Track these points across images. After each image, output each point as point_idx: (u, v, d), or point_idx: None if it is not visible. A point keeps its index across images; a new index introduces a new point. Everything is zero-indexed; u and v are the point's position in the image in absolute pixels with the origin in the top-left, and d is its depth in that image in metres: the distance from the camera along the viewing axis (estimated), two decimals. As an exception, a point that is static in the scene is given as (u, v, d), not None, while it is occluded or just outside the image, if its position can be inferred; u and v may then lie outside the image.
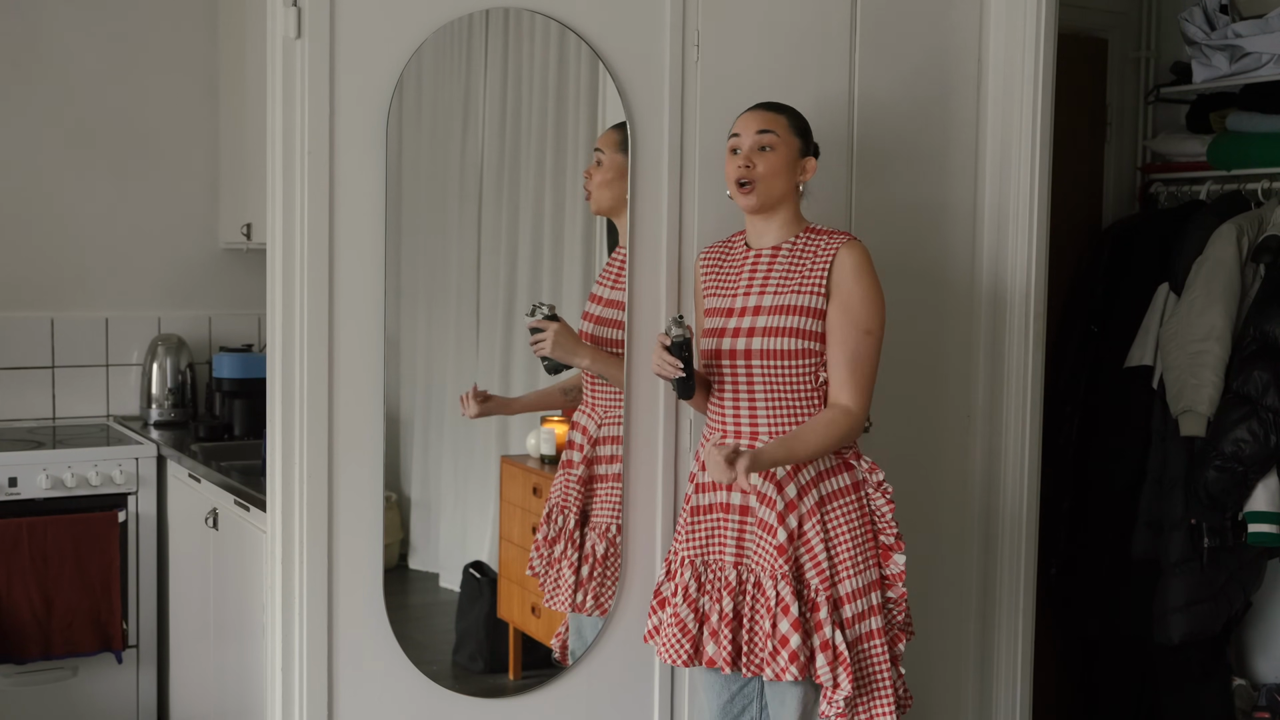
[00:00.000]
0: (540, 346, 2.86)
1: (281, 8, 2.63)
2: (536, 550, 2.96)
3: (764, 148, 2.67)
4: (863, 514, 2.68)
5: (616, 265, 2.99)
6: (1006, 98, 3.38)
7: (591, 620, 2.99)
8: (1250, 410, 3.51)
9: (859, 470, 2.70)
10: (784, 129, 2.70)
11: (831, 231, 2.72)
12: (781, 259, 2.71)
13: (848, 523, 2.66)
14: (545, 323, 2.86)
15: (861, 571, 2.65)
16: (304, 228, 2.65)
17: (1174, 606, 3.69)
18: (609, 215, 2.99)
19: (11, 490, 3.79)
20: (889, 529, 2.68)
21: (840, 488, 2.68)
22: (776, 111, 2.73)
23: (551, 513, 2.96)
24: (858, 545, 2.65)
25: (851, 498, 2.68)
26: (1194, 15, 4.02)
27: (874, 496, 2.70)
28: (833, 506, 2.66)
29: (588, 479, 2.96)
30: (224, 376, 4.31)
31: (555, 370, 2.91)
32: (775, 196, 2.69)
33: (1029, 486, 3.45)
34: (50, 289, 4.35)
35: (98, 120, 4.37)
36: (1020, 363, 3.41)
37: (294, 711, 2.73)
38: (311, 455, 2.69)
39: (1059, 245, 3.63)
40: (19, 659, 3.80)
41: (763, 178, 2.67)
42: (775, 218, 2.72)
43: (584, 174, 2.95)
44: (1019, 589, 3.45)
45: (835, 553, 2.64)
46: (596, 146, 2.96)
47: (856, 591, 2.64)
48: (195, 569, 3.82)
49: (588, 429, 2.97)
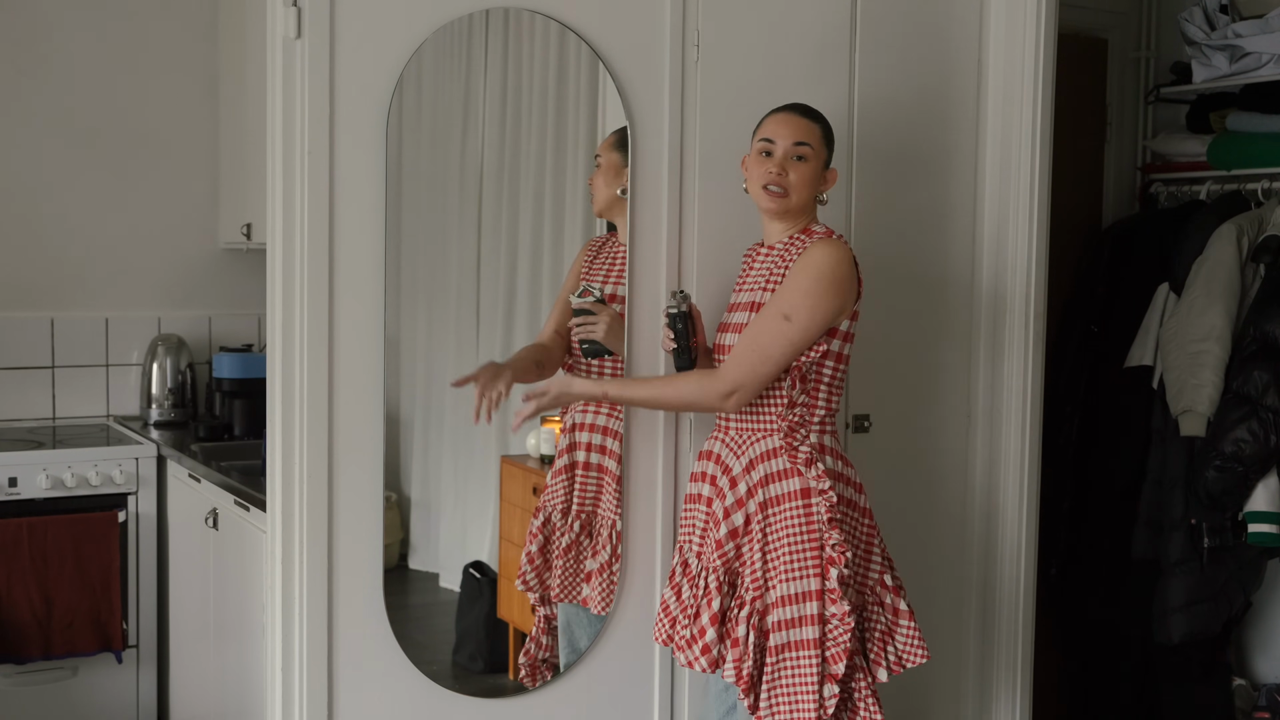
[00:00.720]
0: (592, 330, 2.86)
1: (281, 8, 2.63)
2: (532, 564, 2.95)
3: (799, 158, 2.66)
4: (809, 521, 2.59)
5: (619, 262, 2.97)
6: (1006, 98, 3.38)
7: (584, 621, 2.98)
8: (1250, 410, 3.51)
9: (809, 476, 2.62)
10: (818, 140, 2.69)
11: (821, 232, 2.71)
12: (771, 257, 2.72)
13: (788, 528, 2.59)
14: (597, 306, 2.86)
15: (796, 579, 2.56)
16: (304, 228, 2.65)
17: (1174, 606, 3.69)
18: (607, 215, 2.99)
19: (11, 490, 3.79)
20: (828, 540, 2.57)
21: (787, 492, 2.61)
22: (813, 120, 2.71)
23: (570, 517, 2.95)
24: (795, 551, 2.57)
25: (796, 504, 2.60)
26: (1194, 15, 4.02)
27: (820, 504, 2.60)
28: (776, 510, 2.61)
29: (599, 475, 2.96)
30: (224, 376, 4.31)
31: (594, 355, 2.89)
32: (800, 205, 2.69)
33: (1029, 486, 3.45)
34: (50, 289, 4.35)
35: (98, 120, 4.37)
36: (1020, 363, 3.41)
37: (294, 711, 2.73)
38: (311, 455, 2.69)
39: (1059, 245, 3.63)
40: (19, 659, 3.80)
41: (794, 188, 2.66)
42: (788, 221, 2.73)
43: (588, 181, 2.95)
44: (1019, 589, 3.45)
45: (771, 556, 2.60)
46: (596, 152, 2.96)
47: (787, 598, 2.56)
48: (195, 569, 3.82)
49: (618, 431, 2.96)
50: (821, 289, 2.58)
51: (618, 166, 2.94)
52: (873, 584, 2.70)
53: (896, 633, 2.69)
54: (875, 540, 2.71)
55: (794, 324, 2.57)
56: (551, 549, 2.93)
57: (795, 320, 2.57)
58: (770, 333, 2.58)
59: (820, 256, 2.61)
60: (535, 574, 2.93)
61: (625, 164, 2.93)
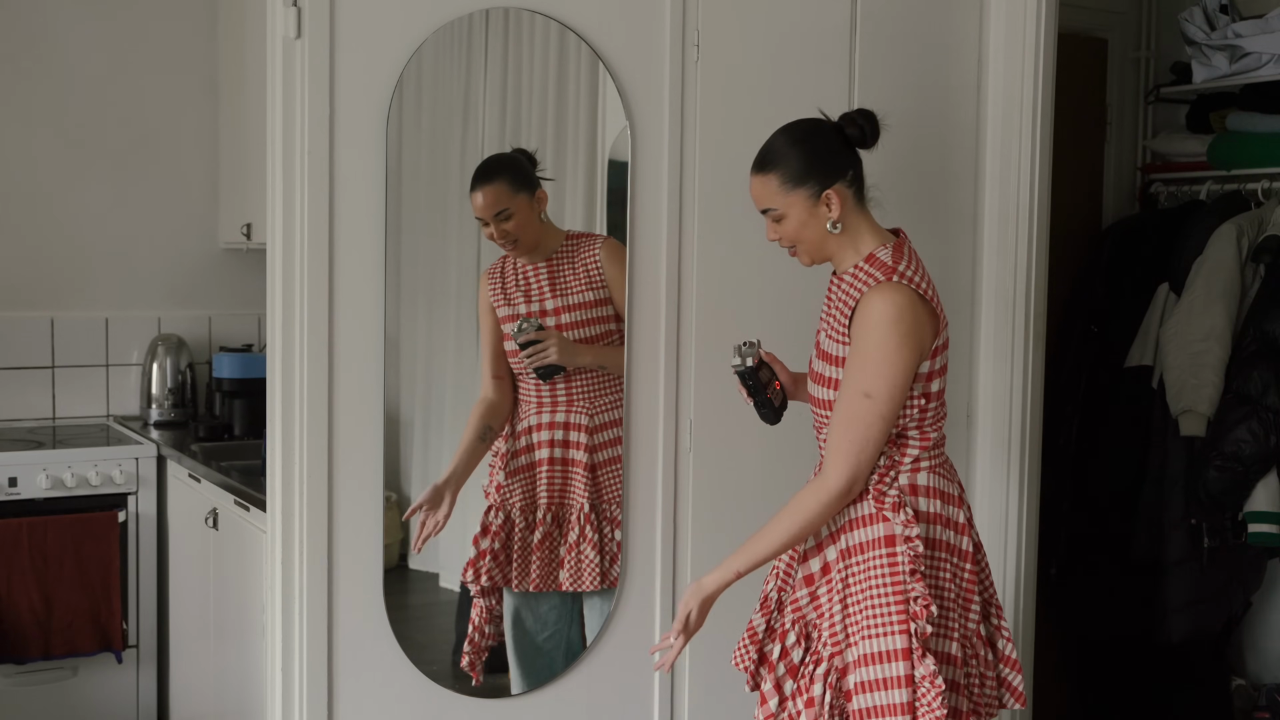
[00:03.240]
0: (545, 355, 2.90)
1: (281, 8, 2.63)
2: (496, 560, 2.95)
3: (775, 220, 2.45)
4: (894, 571, 2.34)
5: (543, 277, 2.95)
6: (1006, 97, 3.38)
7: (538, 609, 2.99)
8: (1250, 410, 3.51)
9: (895, 523, 2.37)
10: (776, 193, 2.41)
11: (873, 271, 2.39)
12: (837, 293, 2.47)
13: (871, 580, 2.36)
14: (540, 334, 2.90)
15: (880, 636, 2.33)
16: (304, 228, 2.65)
17: (1174, 606, 3.69)
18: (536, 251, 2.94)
19: (11, 490, 3.79)
20: (911, 595, 2.33)
21: (870, 539, 2.38)
22: (765, 172, 2.43)
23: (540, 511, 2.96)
24: (880, 606, 2.34)
25: (880, 552, 2.36)
26: (1194, 15, 4.02)
27: (905, 552, 2.35)
28: (859, 559, 2.38)
29: (592, 467, 2.97)
30: (224, 376, 4.31)
31: (548, 377, 2.92)
32: (816, 248, 2.46)
33: (1029, 486, 3.45)
34: (50, 289, 4.35)
35: (98, 120, 4.37)
36: (1020, 363, 3.41)
37: (294, 711, 2.73)
38: (311, 455, 2.69)
39: (1059, 245, 3.63)
40: (19, 659, 3.80)
41: (790, 243, 2.46)
42: (837, 255, 2.48)
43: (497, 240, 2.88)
44: (1019, 589, 3.45)
45: (852, 609, 2.37)
46: (497, 210, 2.85)
47: (870, 657, 2.33)
48: (195, 569, 3.82)
49: (582, 424, 2.97)
50: (889, 350, 2.33)
51: (527, 202, 2.89)
52: (970, 634, 2.45)
53: (985, 684, 2.49)
54: (975, 586, 2.46)
55: (876, 399, 2.33)
56: (513, 544, 2.95)
57: (876, 396, 2.33)
58: (858, 415, 2.34)
59: (879, 314, 2.33)
60: (499, 569, 2.95)
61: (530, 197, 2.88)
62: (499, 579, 2.96)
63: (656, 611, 3.04)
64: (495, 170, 2.85)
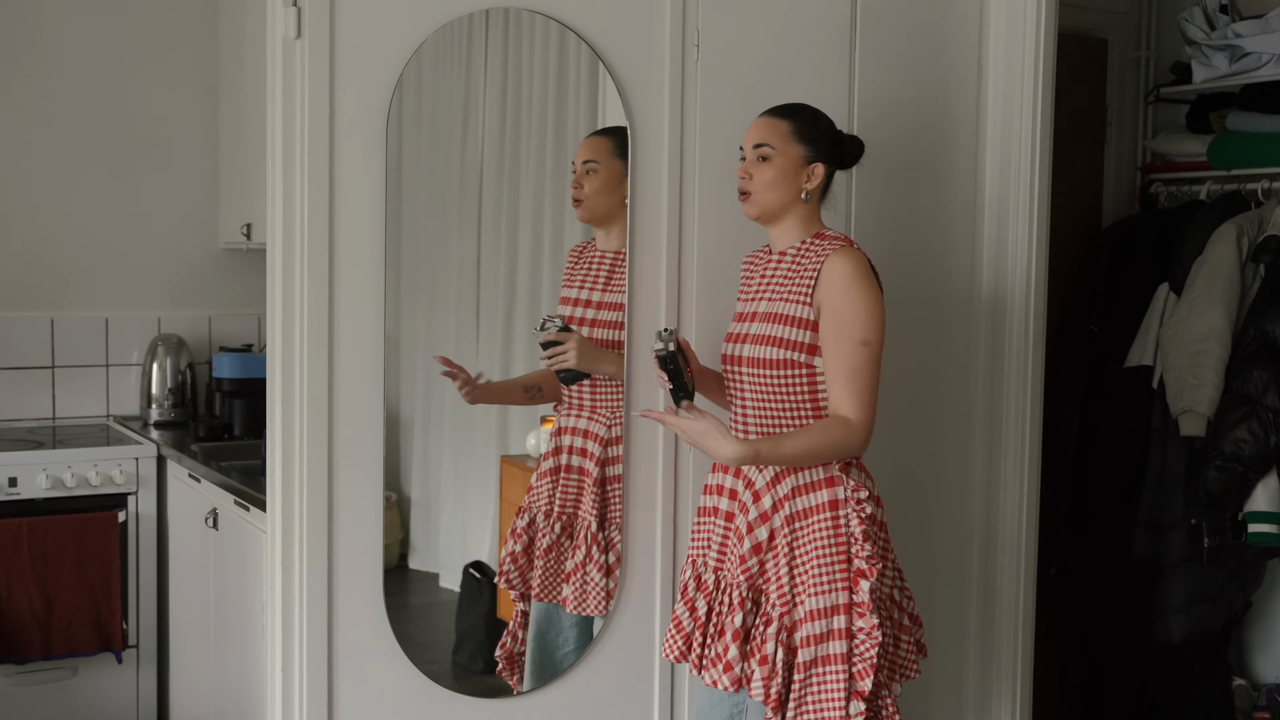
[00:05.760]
0: (563, 359, 2.83)
1: (281, 8, 2.63)
2: (516, 563, 2.93)
3: (761, 158, 2.62)
4: (836, 534, 2.55)
5: (605, 268, 2.96)
6: (1006, 98, 3.38)
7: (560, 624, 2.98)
8: (1250, 410, 3.51)
9: (842, 488, 2.57)
10: (782, 138, 2.62)
11: (832, 237, 2.65)
12: (784, 266, 2.66)
13: (816, 542, 2.54)
14: (562, 335, 2.83)
15: (825, 593, 2.52)
16: (304, 228, 2.65)
17: (1174, 606, 3.69)
18: (598, 224, 2.98)
19: (11, 490, 3.79)
20: (859, 553, 2.54)
21: (814, 505, 2.57)
22: (780, 117, 2.66)
23: (551, 518, 2.95)
24: (824, 566, 2.53)
25: (825, 516, 2.56)
26: (1194, 15, 4.02)
27: (850, 516, 2.56)
28: (804, 524, 2.57)
29: (602, 481, 2.95)
30: (224, 376, 4.32)
31: (570, 382, 2.89)
32: (773, 207, 2.64)
33: (1029, 486, 3.45)
34: (50, 289, 4.35)
35: (98, 120, 4.37)
36: (1020, 363, 3.41)
37: (294, 711, 2.73)
38: (311, 455, 2.69)
39: (1059, 245, 3.63)
40: (19, 659, 3.80)
41: (757, 189, 2.63)
42: (783, 224, 2.67)
43: (572, 185, 2.92)
44: (1019, 589, 3.45)
45: (799, 571, 2.55)
46: (588, 158, 2.92)
47: (816, 612, 2.52)
48: (195, 569, 3.82)
49: (597, 434, 2.96)
50: (869, 300, 2.55)
51: (620, 175, 2.93)
52: (884, 598, 2.63)
53: (900, 646, 2.66)
54: (889, 554, 2.67)
55: (873, 344, 2.55)
56: (534, 549, 2.94)
57: (872, 340, 2.55)
58: (860, 362, 2.54)
59: (853, 269, 2.56)
60: (519, 573, 2.93)
61: (626, 173, 2.93)
62: (518, 583, 2.94)
63: (656, 612, 3.04)
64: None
